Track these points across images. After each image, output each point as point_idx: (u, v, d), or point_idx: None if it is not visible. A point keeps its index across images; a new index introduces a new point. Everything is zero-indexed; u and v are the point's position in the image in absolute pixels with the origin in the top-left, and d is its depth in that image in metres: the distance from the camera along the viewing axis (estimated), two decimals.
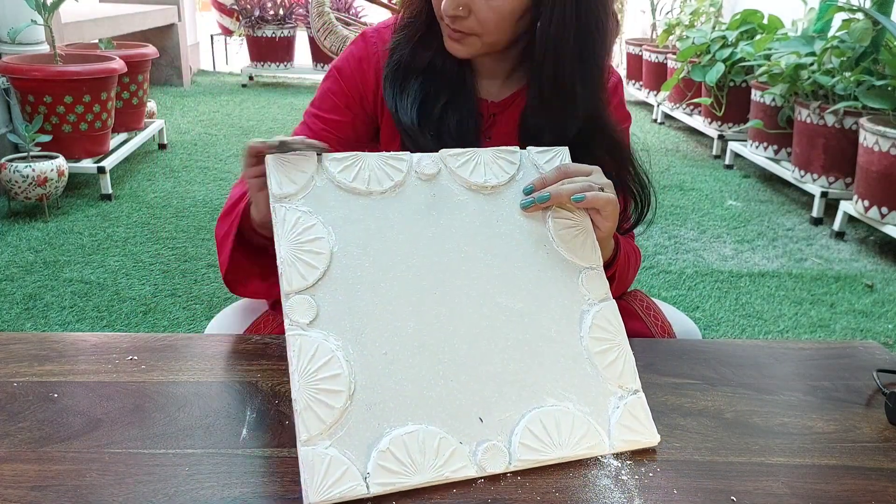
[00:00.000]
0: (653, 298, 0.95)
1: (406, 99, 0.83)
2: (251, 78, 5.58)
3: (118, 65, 2.90)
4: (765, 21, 3.66)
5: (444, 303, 0.65)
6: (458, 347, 0.63)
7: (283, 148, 0.66)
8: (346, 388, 0.59)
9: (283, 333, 0.61)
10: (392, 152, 0.71)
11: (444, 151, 0.72)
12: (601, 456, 0.62)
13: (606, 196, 0.70)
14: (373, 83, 0.87)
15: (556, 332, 0.67)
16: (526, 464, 0.60)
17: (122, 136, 3.33)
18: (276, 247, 0.63)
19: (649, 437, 0.64)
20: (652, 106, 4.82)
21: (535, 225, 0.71)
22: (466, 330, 0.64)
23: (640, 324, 0.87)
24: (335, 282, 0.63)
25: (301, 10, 5.43)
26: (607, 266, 0.77)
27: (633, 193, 0.85)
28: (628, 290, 0.93)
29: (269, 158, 0.66)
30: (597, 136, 0.82)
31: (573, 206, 0.70)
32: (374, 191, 0.68)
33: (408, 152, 0.71)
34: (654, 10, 5.00)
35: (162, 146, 3.69)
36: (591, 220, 0.73)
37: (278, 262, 0.63)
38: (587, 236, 0.72)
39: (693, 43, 3.82)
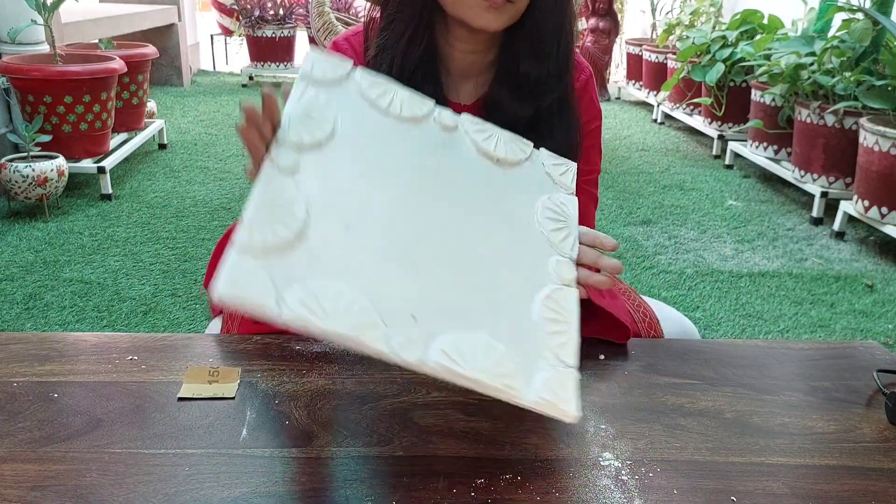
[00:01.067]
0: (653, 298, 0.95)
1: None
2: (251, 78, 5.58)
3: (118, 65, 2.90)
4: (765, 21, 3.66)
5: (419, 221, 0.64)
6: (418, 252, 0.62)
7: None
8: (299, 224, 0.57)
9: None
10: (420, 94, 0.72)
11: (466, 115, 0.74)
12: (600, 457, 0.62)
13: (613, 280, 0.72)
14: None
15: (513, 286, 0.65)
16: (440, 370, 0.56)
17: (123, 136, 3.33)
18: (285, 109, 0.63)
19: (569, 408, 0.58)
20: (652, 106, 4.82)
21: (525, 208, 0.71)
22: (433, 244, 0.63)
23: (627, 318, 0.87)
24: (326, 155, 0.63)
25: (301, 10, 5.43)
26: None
27: None
28: (621, 289, 0.94)
29: (310, 53, 0.68)
30: (556, 120, 0.88)
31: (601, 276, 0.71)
32: (392, 114, 0.69)
33: (433, 100, 0.73)
34: (654, 10, 5.01)
35: (162, 146, 3.69)
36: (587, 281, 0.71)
37: (283, 116, 0.62)
38: (571, 236, 0.71)
39: (693, 43, 3.82)
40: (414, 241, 0.63)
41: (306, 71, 0.67)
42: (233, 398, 0.68)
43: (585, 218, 0.89)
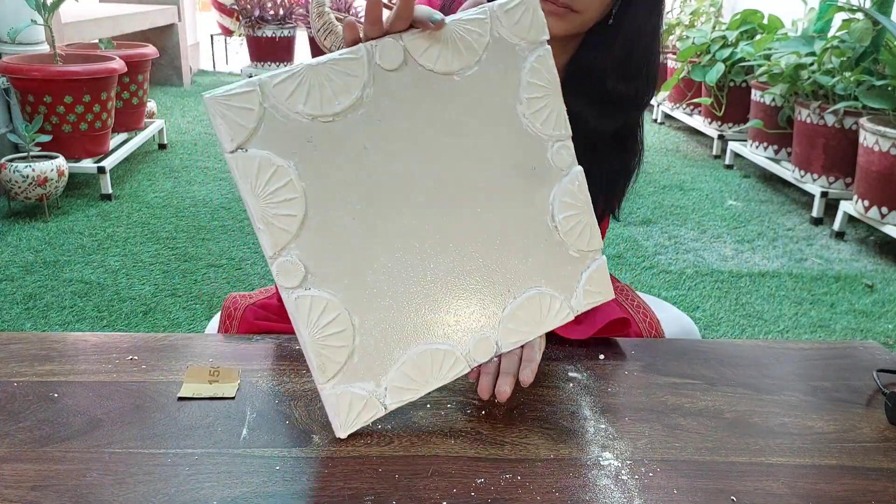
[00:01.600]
0: (651, 297, 0.95)
1: None
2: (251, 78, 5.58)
3: (118, 65, 2.90)
4: (765, 21, 3.66)
5: (423, 214, 0.64)
6: (440, 259, 0.65)
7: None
8: (347, 327, 0.62)
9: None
10: (343, 51, 0.60)
11: (405, 35, 0.62)
12: (600, 456, 0.62)
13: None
14: None
15: (527, 221, 0.68)
16: (511, 345, 0.68)
17: (122, 136, 3.34)
18: (248, 208, 0.59)
19: (606, 295, 0.71)
20: (652, 106, 4.82)
21: (506, 106, 0.67)
22: (446, 238, 0.65)
23: (626, 315, 0.87)
24: (315, 227, 0.60)
25: (301, 10, 5.43)
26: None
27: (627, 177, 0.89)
28: (618, 287, 0.94)
29: (207, 100, 0.57)
30: (633, 136, 0.87)
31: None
32: (332, 113, 0.60)
33: (361, 44, 0.61)
34: None
35: (162, 146, 3.69)
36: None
37: (253, 222, 0.59)
38: (556, 109, 0.68)
39: (693, 43, 3.82)
40: (433, 249, 0.65)
41: (226, 134, 0.57)
42: (233, 398, 0.68)
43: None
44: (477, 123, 0.65)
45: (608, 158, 0.86)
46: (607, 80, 0.83)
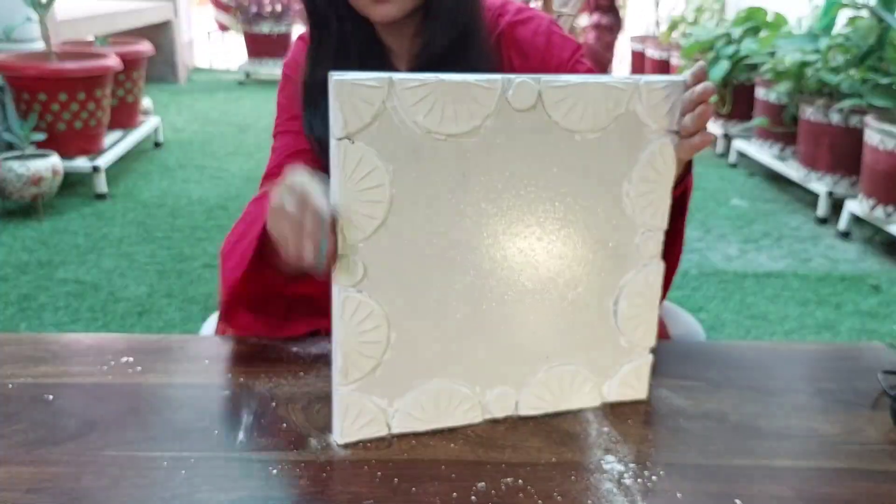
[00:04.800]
0: None
1: (317, 113, 0.81)
2: (248, 75, 5.57)
3: (113, 62, 2.89)
4: (769, 18, 3.65)
5: (492, 257, 0.63)
6: (491, 304, 0.65)
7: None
8: (383, 340, 0.62)
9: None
10: (479, 76, 0.60)
11: (544, 79, 0.61)
12: (602, 460, 0.62)
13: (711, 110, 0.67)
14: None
15: (589, 295, 0.67)
16: (529, 413, 0.67)
17: (118, 133, 3.32)
18: (332, 191, 0.58)
19: (640, 393, 0.70)
20: None
21: (614, 179, 0.65)
22: (504, 286, 0.64)
23: None
24: (388, 236, 0.60)
25: (297, 7, 5.41)
26: (682, 180, 0.75)
27: None
28: None
29: (335, 81, 0.56)
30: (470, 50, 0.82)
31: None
32: (446, 132, 0.59)
33: (501, 75, 0.60)
34: (657, 7, 5.00)
35: (157, 144, 3.68)
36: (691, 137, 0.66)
37: (338, 201, 0.58)
38: (662, 200, 0.67)
39: (697, 40, 3.81)
40: (487, 292, 0.64)
41: (341, 118, 0.56)
42: None
43: None
44: (579, 186, 0.64)
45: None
46: (437, 41, 0.80)
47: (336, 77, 0.56)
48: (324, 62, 0.81)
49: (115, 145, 3.17)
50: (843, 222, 2.77)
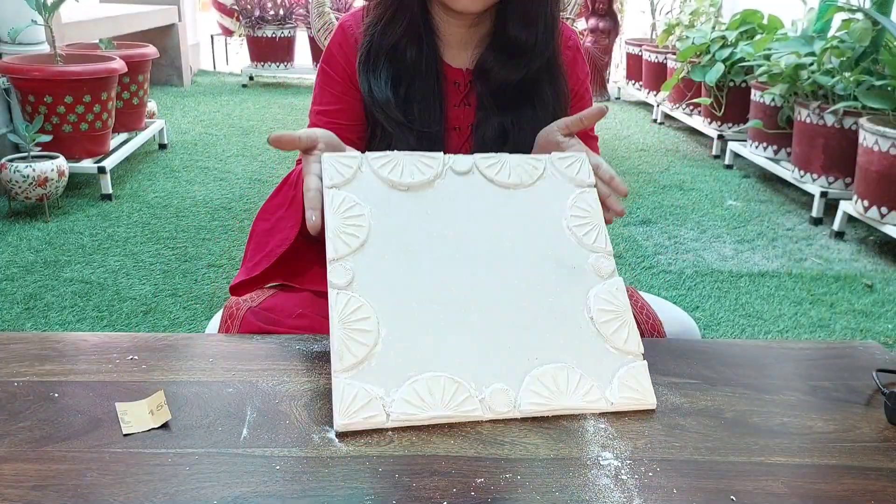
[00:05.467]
0: (651, 296, 0.96)
1: (380, 78, 0.92)
2: (251, 78, 5.58)
3: (118, 65, 2.90)
4: (764, 21, 3.66)
5: (466, 273, 0.74)
6: (474, 311, 0.72)
7: None
8: (374, 330, 0.68)
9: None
10: (426, 153, 0.80)
11: (476, 154, 0.81)
12: (600, 456, 0.63)
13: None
14: (356, 60, 0.96)
15: (563, 306, 0.73)
16: (531, 411, 0.67)
17: (123, 136, 3.34)
18: (326, 222, 0.73)
19: (647, 398, 0.70)
20: (652, 106, 4.82)
21: (552, 219, 0.79)
22: (483, 297, 0.73)
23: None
24: (372, 249, 0.73)
25: (301, 11, 5.43)
26: None
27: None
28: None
29: (324, 157, 0.77)
30: (546, 80, 0.95)
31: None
32: (410, 182, 0.78)
33: (441, 153, 0.80)
34: (653, 10, 5.01)
35: (162, 146, 3.69)
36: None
37: (326, 233, 0.73)
38: (599, 230, 0.79)
39: (693, 43, 3.82)
40: (469, 301, 0.72)
41: (327, 180, 0.76)
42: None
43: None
44: (526, 221, 0.78)
45: (519, 114, 0.94)
46: (509, 30, 0.91)
47: (325, 156, 0.77)
48: (390, 35, 0.91)
49: (121, 147, 3.19)
50: (837, 223, 2.78)
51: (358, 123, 0.98)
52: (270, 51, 5.44)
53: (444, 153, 0.79)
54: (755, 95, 3.38)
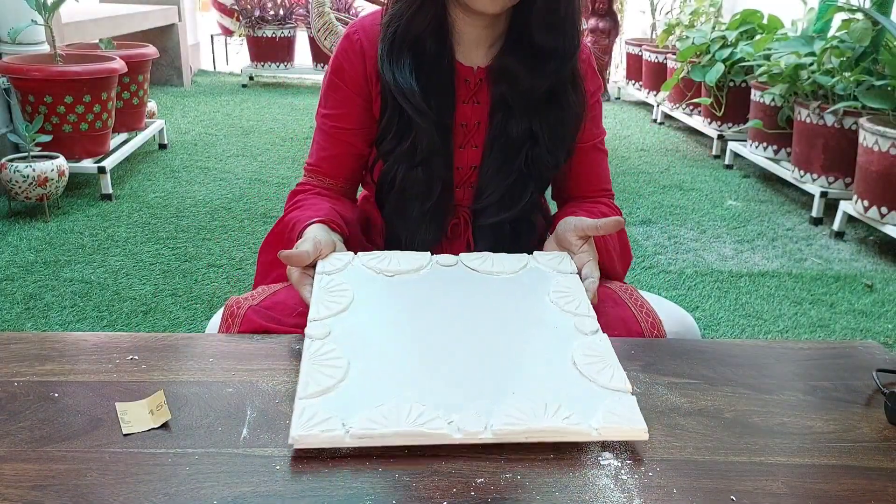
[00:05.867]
0: (652, 294, 0.96)
1: (404, 68, 0.93)
2: (251, 78, 5.58)
3: (118, 65, 2.90)
4: (764, 21, 3.66)
5: (444, 329, 0.76)
6: (449, 357, 0.71)
7: None
8: (344, 367, 0.68)
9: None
10: (414, 252, 0.88)
11: (462, 254, 0.89)
12: (600, 456, 0.62)
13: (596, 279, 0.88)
14: (362, 69, 0.98)
15: (544, 352, 0.73)
16: (505, 433, 0.61)
17: (123, 136, 3.33)
18: (313, 296, 0.79)
19: (636, 427, 0.63)
20: (652, 106, 4.82)
21: (534, 293, 0.82)
22: (460, 346, 0.73)
23: (627, 311, 0.88)
24: (353, 314, 0.77)
25: (301, 11, 5.43)
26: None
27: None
28: (622, 283, 0.97)
29: (319, 261, 0.85)
30: (571, 91, 0.96)
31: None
32: (395, 270, 0.85)
33: (427, 253, 0.87)
34: (653, 11, 5.01)
35: (162, 146, 3.69)
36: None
37: (311, 302, 0.78)
38: (582, 300, 0.81)
39: (693, 43, 3.82)
40: (446, 351, 0.72)
41: (320, 269, 0.84)
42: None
43: (601, 170, 1.07)
44: (508, 295, 0.82)
45: (546, 116, 0.96)
46: (535, 36, 0.91)
47: (321, 259, 0.85)
48: (415, 27, 0.93)
49: (121, 147, 3.19)
50: (837, 223, 2.78)
51: (362, 128, 1.01)
52: (270, 51, 5.44)
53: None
54: (755, 95, 3.38)
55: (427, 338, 0.74)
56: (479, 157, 1.00)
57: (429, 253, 0.87)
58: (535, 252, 0.90)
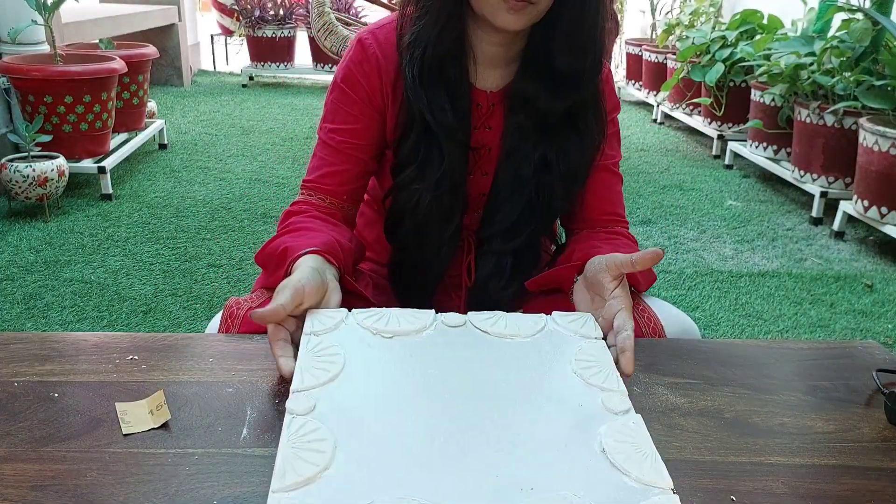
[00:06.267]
0: (651, 297, 0.95)
1: (440, 91, 0.90)
2: (251, 78, 5.58)
3: (118, 65, 2.90)
4: (764, 21, 3.66)
5: (448, 407, 0.64)
6: (456, 442, 0.60)
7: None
8: (329, 451, 0.57)
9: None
10: (416, 309, 0.77)
11: (471, 313, 0.78)
12: None
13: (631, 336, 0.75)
14: (377, 82, 0.93)
15: (567, 438, 0.61)
16: None
17: (123, 135, 3.34)
18: (297, 362, 0.69)
19: None
20: (652, 106, 4.82)
21: (554, 363, 0.71)
22: (468, 429, 0.61)
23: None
24: (342, 384, 0.66)
25: (301, 11, 5.43)
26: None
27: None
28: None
29: (308, 314, 0.75)
30: (591, 114, 0.93)
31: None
32: (392, 331, 0.74)
33: (431, 311, 0.77)
34: (653, 11, 5.00)
35: (162, 146, 3.69)
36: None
37: (295, 369, 0.68)
38: (610, 371, 0.70)
39: (693, 43, 3.82)
40: (451, 434, 0.60)
41: (308, 328, 0.74)
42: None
43: (613, 193, 1.00)
44: (523, 365, 0.70)
45: (563, 139, 0.92)
46: (556, 58, 0.88)
47: (310, 312, 0.75)
48: (440, 49, 0.89)
49: (121, 147, 3.19)
50: (837, 223, 2.78)
51: (371, 144, 0.96)
52: (270, 51, 5.44)
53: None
54: (755, 95, 3.38)
55: (429, 418, 0.62)
56: (488, 183, 0.97)
57: (433, 311, 0.77)
58: (553, 313, 0.79)
